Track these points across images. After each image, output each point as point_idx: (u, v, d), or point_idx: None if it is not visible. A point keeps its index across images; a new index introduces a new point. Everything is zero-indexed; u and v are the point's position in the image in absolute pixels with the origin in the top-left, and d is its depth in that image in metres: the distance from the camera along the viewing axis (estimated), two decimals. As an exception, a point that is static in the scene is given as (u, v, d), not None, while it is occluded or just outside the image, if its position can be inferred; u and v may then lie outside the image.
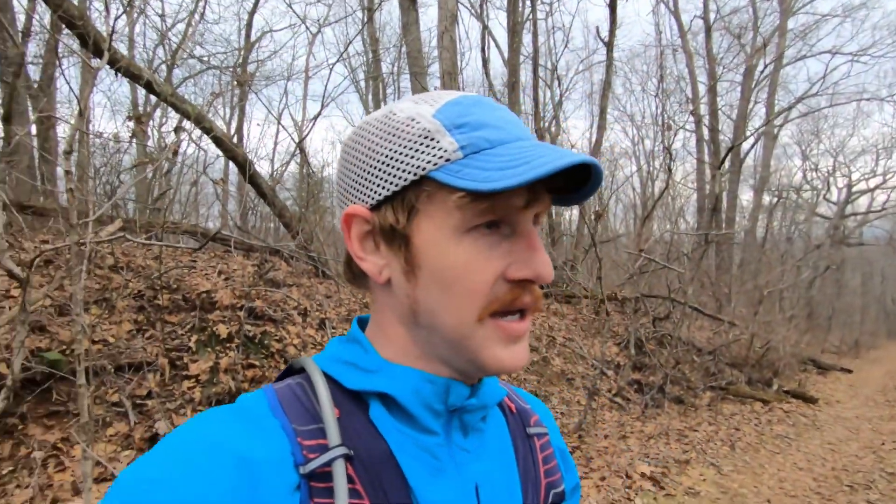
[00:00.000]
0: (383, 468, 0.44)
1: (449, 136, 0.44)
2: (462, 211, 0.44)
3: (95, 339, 3.23)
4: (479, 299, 0.44)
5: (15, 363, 2.63)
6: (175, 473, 0.37)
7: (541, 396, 5.19)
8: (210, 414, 0.43)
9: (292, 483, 0.40)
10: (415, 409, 0.46)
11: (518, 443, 0.56)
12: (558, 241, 10.41)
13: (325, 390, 0.45)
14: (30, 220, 4.28)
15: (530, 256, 0.45)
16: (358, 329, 0.53)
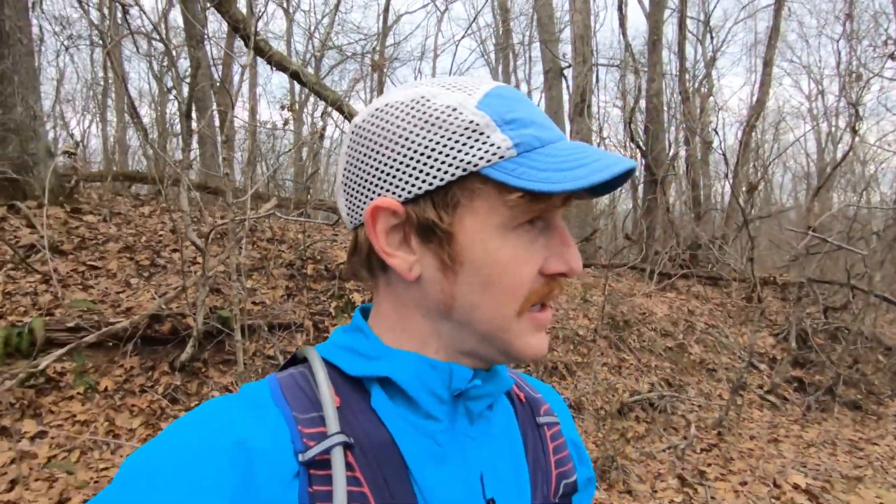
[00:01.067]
0: (384, 455, 0.44)
1: (500, 132, 0.43)
2: (512, 209, 0.43)
3: (256, 301, 3.78)
4: (521, 294, 0.45)
5: (198, 318, 3.21)
6: (174, 460, 0.38)
7: (674, 386, 4.80)
8: (213, 402, 0.44)
9: (291, 470, 0.40)
10: (416, 393, 0.46)
11: (527, 432, 0.55)
12: (705, 215, 9.32)
13: (324, 377, 0.45)
14: (209, 199, 5.12)
15: (565, 251, 0.46)
16: (360, 318, 0.52)
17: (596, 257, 7.70)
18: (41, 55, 9.76)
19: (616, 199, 10.53)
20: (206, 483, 0.37)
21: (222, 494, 0.37)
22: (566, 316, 5.17)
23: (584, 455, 0.62)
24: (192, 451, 0.38)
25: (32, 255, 3.63)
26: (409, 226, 0.45)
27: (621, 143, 9.87)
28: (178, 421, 0.41)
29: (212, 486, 0.37)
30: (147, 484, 0.36)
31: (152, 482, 0.37)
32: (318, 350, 0.50)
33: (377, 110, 0.47)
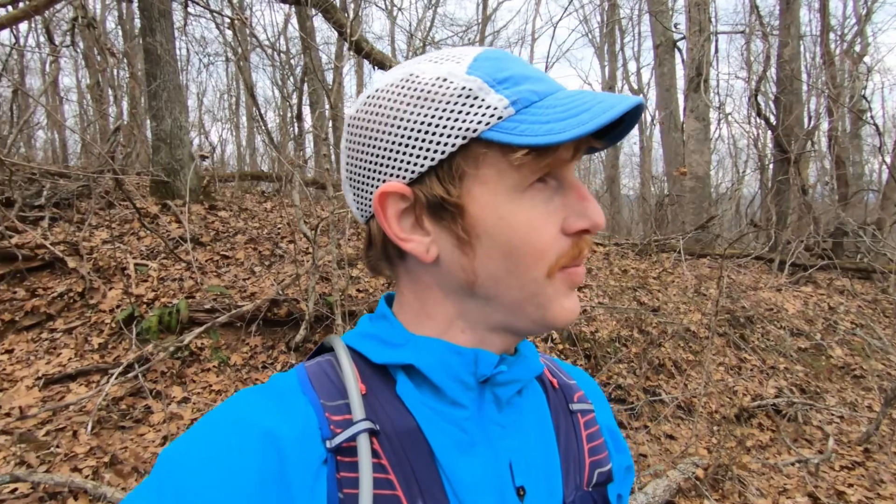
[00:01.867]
0: (410, 443, 0.43)
1: (494, 92, 0.41)
2: (519, 169, 0.41)
3: (360, 288, 4.03)
4: (547, 257, 0.43)
5: (310, 303, 3.50)
6: (206, 451, 0.39)
7: (808, 393, 4.21)
8: (242, 394, 0.44)
9: (320, 457, 0.40)
10: (441, 380, 0.45)
11: (559, 419, 0.53)
12: (854, 197, 7.99)
13: (349, 365, 0.45)
14: (321, 195, 5.54)
15: (585, 206, 0.44)
16: (385, 306, 0.51)
17: (713, 246, 7.00)
18: (186, 73, 11.27)
19: (739, 179, 9.44)
20: (237, 473, 0.38)
21: (253, 483, 0.37)
22: (676, 310, 4.78)
23: (621, 443, 0.59)
24: (221, 444, 0.39)
25: (179, 246, 4.23)
26: (419, 207, 0.44)
27: (745, 119, 8.80)
28: (209, 413, 0.43)
29: (242, 475, 0.37)
30: (181, 475, 0.38)
31: (186, 474, 0.38)
32: (343, 339, 0.50)
33: (368, 97, 0.46)
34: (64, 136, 8.86)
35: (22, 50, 6.81)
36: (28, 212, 4.14)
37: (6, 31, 4.83)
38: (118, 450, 2.49)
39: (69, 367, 3.08)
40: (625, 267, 5.71)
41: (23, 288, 3.59)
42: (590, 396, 0.59)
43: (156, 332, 3.33)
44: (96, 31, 5.27)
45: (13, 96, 6.05)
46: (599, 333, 4.15)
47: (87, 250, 3.88)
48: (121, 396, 2.89)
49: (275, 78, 13.29)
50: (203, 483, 0.37)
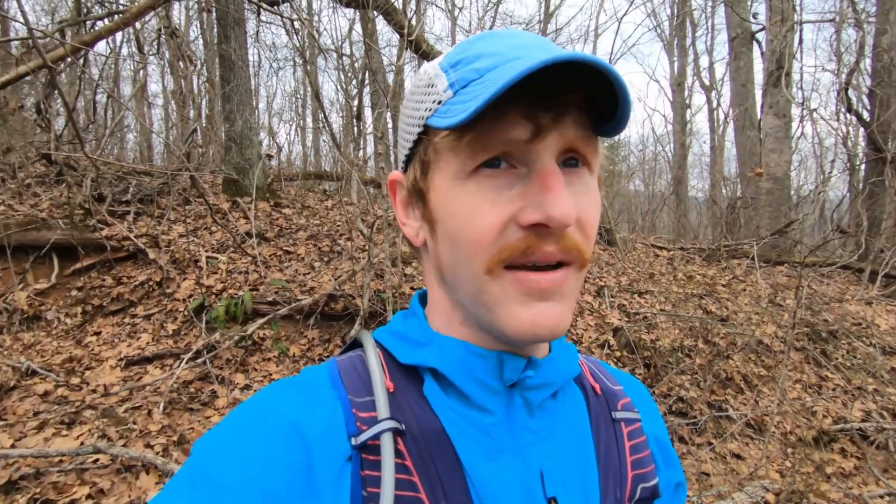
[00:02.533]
0: (436, 446, 0.42)
1: (444, 77, 0.41)
2: (455, 153, 0.40)
3: (414, 286, 4.07)
4: (485, 248, 0.39)
5: (364, 300, 3.58)
6: (236, 442, 0.40)
7: (902, 418, 3.78)
8: (273, 386, 0.45)
9: (344, 454, 0.40)
10: (465, 385, 0.43)
11: (600, 427, 0.49)
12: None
13: (375, 362, 0.45)
14: (375, 194, 5.67)
15: (543, 197, 0.38)
16: (416, 301, 0.50)
17: (792, 253, 6.47)
18: (257, 77, 11.92)
19: (825, 181, 8.67)
20: (265, 464, 0.38)
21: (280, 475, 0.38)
22: (747, 320, 4.45)
23: (671, 457, 0.55)
24: (250, 435, 0.40)
25: (246, 241, 4.46)
26: (410, 194, 0.46)
27: (833, 115, 8.07)
28: (241, 405, 0.43)
29: (270, 466, 0.38)
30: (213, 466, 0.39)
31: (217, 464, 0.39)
32: (374, 335, 0.49)
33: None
34: (150, 138, 9.64)
35: (116, 59, 7.48)
36: (116, 207, 4.53)
37: (103, 41, 5.31)
38: (186, 430, 2.66)
39: (147, 350, 3.34)
40: (690, 273, 5.40)
41: (110, 276, 3.93)
42: (637, 404, 0.54)
43: (223, 321, 3.53)
44: (179, 40, 5.68)
45: (107, 101, 6.66)
46: (661, 342, 3.95)
47: (166, 243, 4.19)
48: (190, 380, 3.09)
49: (339, 80, 13.78)
50: (233, 473, 0.38)
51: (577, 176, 0.41)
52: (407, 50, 3.61)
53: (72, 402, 2.76)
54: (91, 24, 4.96)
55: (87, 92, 7.38)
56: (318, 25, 11.38)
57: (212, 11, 7.15)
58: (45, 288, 3.76)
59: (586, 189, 0.41)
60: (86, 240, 3.95)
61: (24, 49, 4.67)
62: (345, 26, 13.47)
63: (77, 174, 4.61)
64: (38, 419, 2.54)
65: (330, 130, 6.69)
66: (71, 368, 3.13)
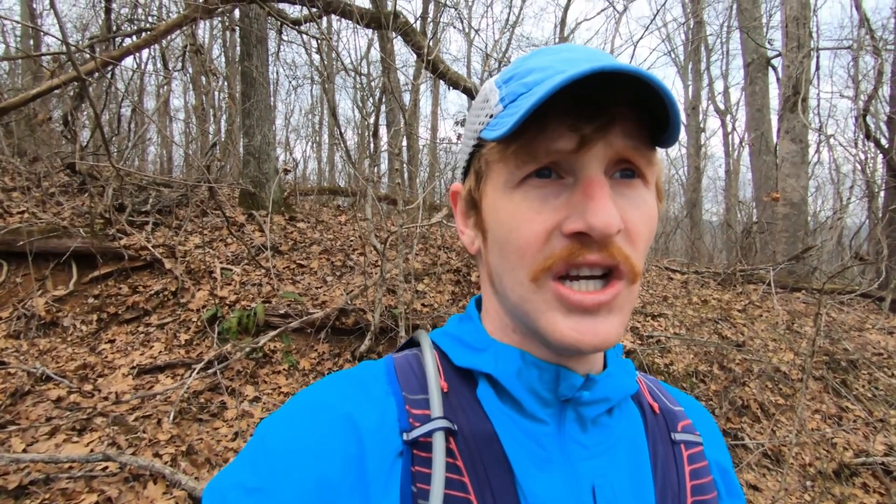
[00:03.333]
0: (487, 449, 0.42)
1: (498, 92, 0.43)
2: (505, 163, 0.42)
3: (425, 303, 4.06)
4: (530, 256, 0.40)
5: (376, 315, 3.58)
6: (294, 428, 0.41)
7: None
8: (331, 377, 0.46)
9: (396, 448, 0.41)
10: (519, 393, 0.43)
11: (658, 447, 0.48)
12: None
13: (431, 362, 0.46)
14: (393, 210, 5.71)
15: (585, 206, 0.38)
16: (473, 306, 0.51)
17: (809, 280, 6.35)
18: (276, 94, 12.20)
19: (843, 207, 8.55)
20: (320, 449, 0.40)
21: (334, 460, 0.39)
22: (764, 347, 4.36)
23: (734, 486, 0.53)
24: (309, 423, 0.41)
25: (260, 253, 4.51)
26: (467, 203, 0.48)
27: (851, 142, 8.01)
28: (300, 393, 0.45)
29: (324, 452, 0.39)
30: (276, 447, 0.40)
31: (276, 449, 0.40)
32: (431, 336, 0.50)
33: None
34: (171, 150, 9.86)
35: (142, 74, 7.72)
36: (136, 217, 4.62)
37: (130, 57, 5.49)
38: (195, 440, 2.65)
39: (159, 359, 3.36)
40: (705, 297, 5.32)
41: (126, 285, 3.99)
42: (699, 427, 0.53)
43: (235, 332, 3.55)
44: (202, 57, 5.85)
45: (132, 115, 6.84)
46: (675, 366, 3.88)
47: (182, 254, 4.25)
48: (201, 390, 3.09)
49: (356, 98, 14.03)
50: (290, 456, 0.40)
51: (630, 187, 0.41)
52: (424, 70, 3.67)
53: (83, 408, 2.78)
54: (120, 40, 5.13)
55: (112, 105, 7.61)
56: (337, 45, 11.66)
57: (235, 30, 7.37)
58: (63, 295, 3.82)
59: (638, 201, 0.41)
60: (104, 248, 4.02)
61: (56, 63, 4.84)
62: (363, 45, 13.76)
63: (99, 184, 4.72)
64: (50, 425, 2.56)
65: (345, 147, 6.79)
66: (84, 375, 3.16)
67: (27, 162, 5.13)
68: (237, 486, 0.39)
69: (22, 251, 3.73)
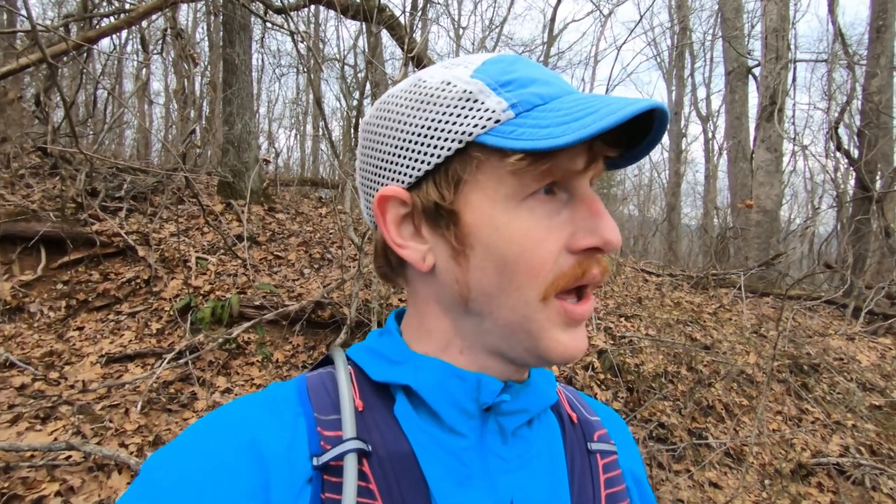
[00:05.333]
0: (403, 470, 0.40)
1: (495, 95, 0.39)
2: (517, 176, 0.39)
3: (402, 298, 4.07)
4: (543, 276, 0.39)
5: (352, 309, 3.58)
6: (191, 457, 0.38)
7: (879, 455, 3.81)
8: (236, 402, 0.43)
9: (305, 475, 0.38)
10: (439, 405, 0.42)
11: (575, 458, 0.48)
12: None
13: (345, 379, 0.43)
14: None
15: (595, 222, 0.40)
16: (393, 320, 0.49)
17: (779, 285, 6.55)
18: (260, 82, 12.02)
19: (814, 216, 8.82)
20: (219, 481, 0.36)
21: (234, 494, 0.36)
22: (731, 349, 4.49)
23: (647, 494, 0.53)
24: (206, 451, 0.38)
25: (237, 244, 4.46)
26: (418, 213, 0.43)
27: (823, 152, 8.25)
28: (201, 419, 0.42)
29: (224, 484, 0.36)
30: (166, 482, 0.37)
31: (170, 481, 0.37)
32: (348, 352, 0.48)
33: (381, 103, 0.45)
34: (148, 135, 9.64)
35: (120, 56, 7.52)
36: (109, 202, 4.52)
37: (107, 38, 5.34)
38: (163, 430, 2.63)
39: (129, 348, 3.31)
40: (677, 299, 5.45)
41: (98, 272, 3.91)
42: (614, 437, 0.53)
43: (208, 323, 3.51)
44: (184, 41, 5.73)
45: (108, 98, 6.67)
46: (645, 366, 3.97)
47: (156, 241, 4.18)
48: (171, 381, 3.06)
49: (342, 88, 13.89)
50: (183, 494, 0.36)
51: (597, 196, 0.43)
52: (408, 65, 3.68)
53: (48, 396, 2.73)
54: (97, 20, 5.00)
55: (89, 86, 7.40)
56: (323, 35, 11.51)
57: (219, 15, 7.23)
58: (31, 280, 3.72)
59: None
60: (75, 234, 3.93)
61: (29, 41, 4.69)
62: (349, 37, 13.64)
63: (71, 168, 4.60)
64: (12, 412, 2.50)
65: (329, 138, 6.73)
66: (50, 363, 3.10)
67: (-4, 142, 4.97)
68: None
69: (-12, 234, 3.63)
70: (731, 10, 8.69)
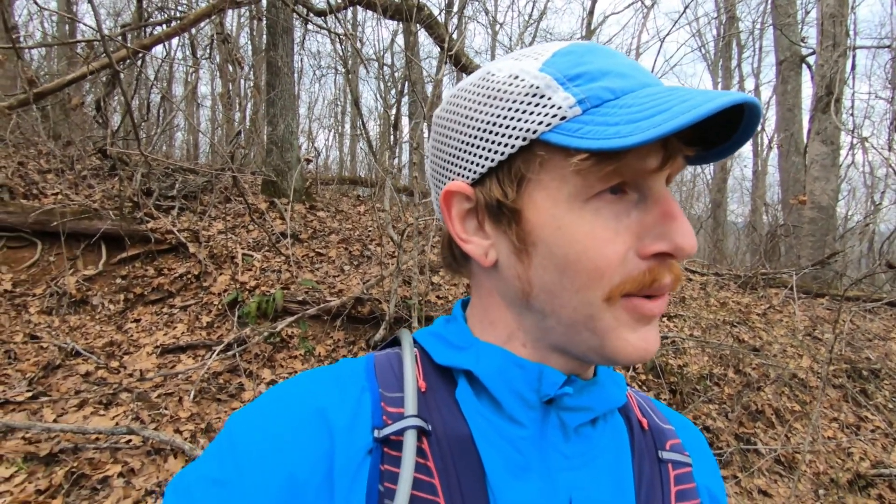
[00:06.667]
0: (461, 452, 0.40)
1: (563, 90, 0.38)
2: (582, 176, 0.37)
3: (440, 295, 4.11)
4: (608, 278, 0.38)
5: (391, 305, 3.64)
6: (267, 418, 0.41)
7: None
8: (308, 372, 0.45)
9: (366, 446, 0.40)
10: (499, 393, 0.42)
11: (643, 465, 0.46)
12: None
13: (410, 360, 0.44)
14: (407, 201, 5.76)
15: (668, 226, 0.38)
16: (459, 308, 0.50)
17: (835, 286, 6.20)
18: (300, 83, 12.33)
19: (875, 212, 8.30)
20: (290, 442, 0.39)
21: (303, 455, 0.39)
22: (782, 352, 4.29)
23: None
24: (280, 413, 0.41)
25: (281, 241, 4.60)
26: (482, 209, 0.43)
27: (885, 145, 7.74)
28: (275, 386, 0.45)
29: (292, 447, 0.39)
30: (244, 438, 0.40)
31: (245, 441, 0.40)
32: (415, 335, 0.49)
33: (451, 97, 0.45)
34: (197, 137, 10.07)
35: (171, 62, 7.88)
36: (162, 201, 4.76)
37: (160, 45, 5.61)
38: (213, 419, 2.76)
39: (181, 340, 3.48)
40: (724, 299, 5.25)
41: (152, 267, 4.12)
42: (689, 448, 0.50)
43: (254, 317, 3.64)
44: (229, 46, 5.95)
45: (161, 102, 7.02)
46: (688, 368, 3.85)
47: (205, 238, 4.37)
48: (220, 372, 3.20)
49: (378, 89, 14.07)
50: (258, 451, 0.39)
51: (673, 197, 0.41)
52: (446, 63, 3.69)
53: (110, 384, 2.91)
54: (151, 28, 5.26)
55: (142, 91, 7.79)
56: (361, 35, 11.69)
57: (262, 20, 7.46)
58: (93, 274, 3.97)
59: None
60: (132, 231, 4.16)
61: (90, 49, 4.99)
62: (387, 37, 13.78)
63: (129, 169, 4.87)
64: (78, 398, 2.69)
65: (367, 137, 6.85)
66: (111, 352, 3.30)
67: (61, 146, 5.32)
68: (202, 478, 0.39)
69: (55, 231, 3.89)
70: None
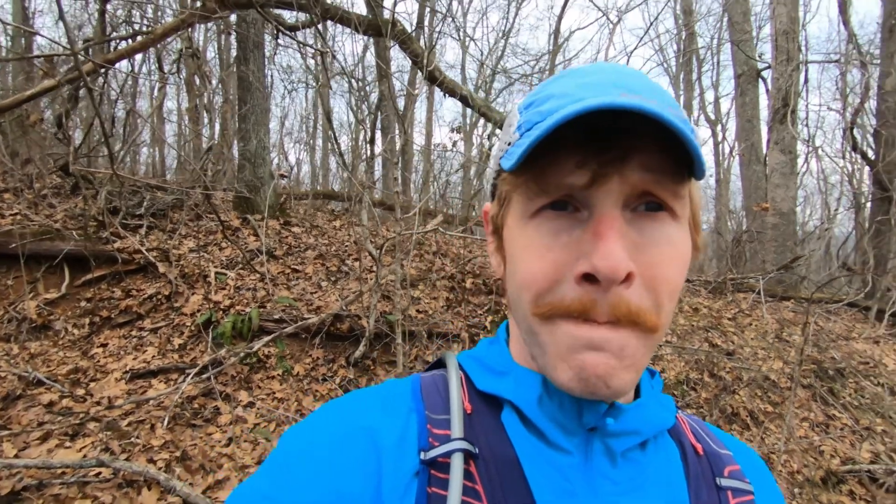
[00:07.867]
0: (508, 475, 0.40)
1: (519, 117, 0.42)
2: (521, 194, 0.41)
3: (419, 309, 4.08)
4: (535, 292, 0.38)
5: (370, 321, 3.59)
6: (318, 436, 0.42)
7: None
8: (357, 392, 0.46)
9: (413, 467, 0.40)
10: (541, 422, 0.41)
11: (700, 492, 0.44)
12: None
13: (455, 383, 0.45)
14: (388, 216, 5.73)
15: (593, 245, 0.35)
16: (504, 329, 0.50)
17: (798, 289, 6.46)
18: (271, 98, 12.20)
19: (830, 218, 8.71)
20: (340, 459, 0.40)
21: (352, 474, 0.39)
22: (754, 355, 4.42)
23: None
24: (330, 431, 0.42)
25: (255, 258, 4.50)
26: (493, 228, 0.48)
27: (839, 153, 8.16)
28: (325, 405, 0.46)
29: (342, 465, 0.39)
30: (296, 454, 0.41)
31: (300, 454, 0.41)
32: (458, 357, 0.50)
33: None
34: (164, 153, 9.80)
35: (136, 76, 7.69)
36: (129, 220, 4.59)
37: (125, 60, 5.47)
38: (188, 446, 2.64)
39: (152, 364, 3.34)
40: (696, 305, 5.39)
41: (119, 288, 3.96)
42: (749, 475, 0.48)
43: (229, 337, 3.54)
44: (199, 61, 5.85)
45: (126, 117, 6.81)
46: (666, 374, 3.92)
47: (176, 257, 4.23)
48: (194, 395, 3.08)
49: (350, 103, 14.05)
50: (310, 468, 0.40)
51: (655, 221, 0.38)
52: (424, 80, 3.71)
53: (76, 413, 2.76)
54: (115, 42, 5.12)
55: (105, 107, 7.56)
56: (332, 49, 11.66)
57: (231, 34, 7.37)
58: (55, 298, 3.79)
59: (661, 238, 0.37)
60: (98, 251, 3.99)
61: (49, 64, 4.81)
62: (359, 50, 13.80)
63: (93, 187, 4.69)
64: (42, 429, 2.54)
65: (340, 152, 6.80)
66: (76, 379, 3.13)
67: (20, 163, 5.09)
68: (255, 494, 0.39)
69: (14, 253, 3.70)
70: (739, 14, 8.68)
